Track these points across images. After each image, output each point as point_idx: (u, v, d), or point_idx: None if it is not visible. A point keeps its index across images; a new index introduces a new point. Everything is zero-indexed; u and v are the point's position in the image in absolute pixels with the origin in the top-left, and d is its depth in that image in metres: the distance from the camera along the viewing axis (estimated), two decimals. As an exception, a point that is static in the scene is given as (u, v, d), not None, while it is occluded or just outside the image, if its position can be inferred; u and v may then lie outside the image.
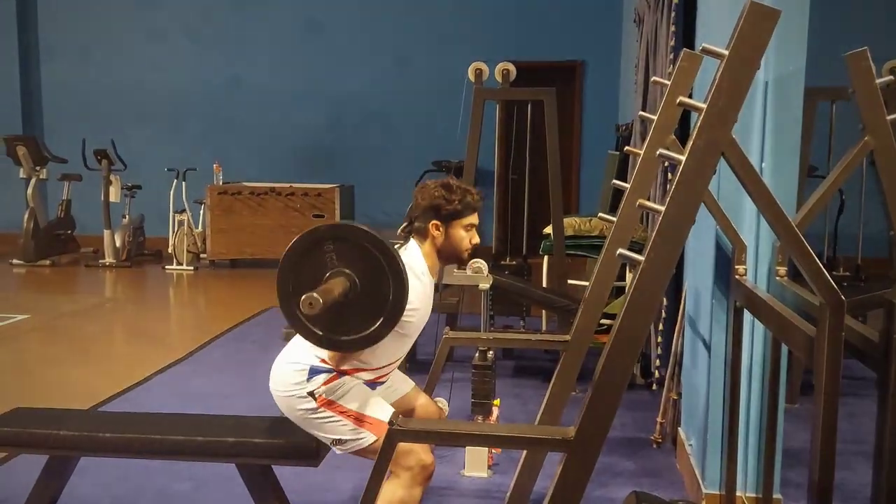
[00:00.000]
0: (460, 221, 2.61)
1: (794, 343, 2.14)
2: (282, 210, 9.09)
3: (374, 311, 2.19)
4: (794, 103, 2.83)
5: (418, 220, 2.63)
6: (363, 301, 2.19)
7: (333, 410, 2.48)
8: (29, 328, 6.38)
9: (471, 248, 2.67)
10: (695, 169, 1.70)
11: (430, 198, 2.60)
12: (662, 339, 4.40)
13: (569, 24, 9.71)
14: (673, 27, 4.19)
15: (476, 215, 2.66)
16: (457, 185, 2.63)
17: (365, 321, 2.20)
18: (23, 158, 9.16)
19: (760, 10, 1.66)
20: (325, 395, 2.48)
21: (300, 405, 2.50)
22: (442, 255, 2.66)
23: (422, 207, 2.61)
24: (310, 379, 2.49)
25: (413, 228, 2.66)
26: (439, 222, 2.60)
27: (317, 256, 2.19)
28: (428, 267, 2.63)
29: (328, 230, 2.23)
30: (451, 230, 2.61)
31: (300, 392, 2.50)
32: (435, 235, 2.62)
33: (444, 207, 2.58)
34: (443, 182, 2.64)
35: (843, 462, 1.89)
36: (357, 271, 2.18)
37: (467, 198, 2.61)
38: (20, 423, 2.73)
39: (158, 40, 10.36)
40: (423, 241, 2.64)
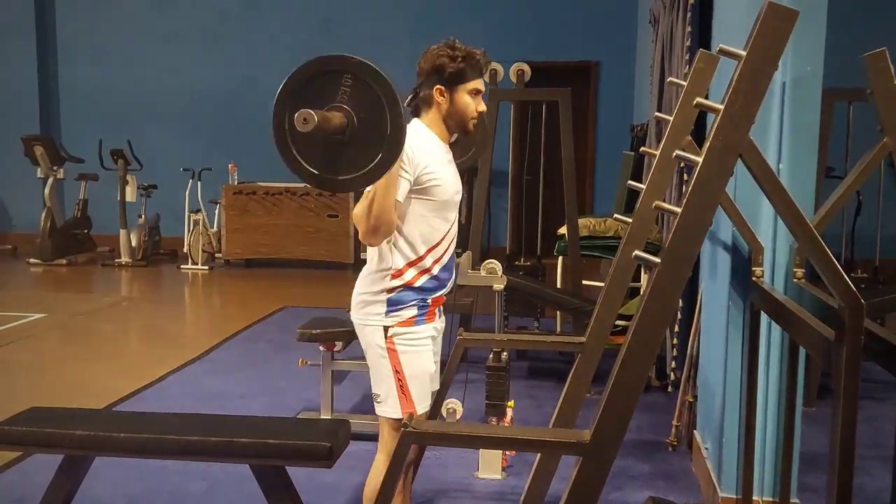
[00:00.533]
0: (465, 86, 2.49)
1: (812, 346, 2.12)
2: (296, 210, 9.11)
3: (372, 148, 2.09)
4: (811, 104, 2.81)
5: (422, 87, 2.52)
6: (361, 139, 2.10)
7: (393, 364, 2.50)
8: (45, 327, 6.42)
9: (477, 116, 2.54)
10: (712, 170, 1.68)
11: (432, 59, 2.48)
12: (678, 341, 4.38)
13: (584, 24, 9.68)
14: (689, 27, 4.17)
15: (481, 81, 2.53)
16: (461, 45, 2.50)
17: (363, 159, 2.10)
18: (40, 158, 9.22)
19: (779, 11, 1.64)
20: (395, 339, 2.49)
21: (375, 338, 2.52)
22: (448, 123, 2.53)
23: (425, 71, 2.50)
24: (388, 313, 2.50)
25: (418, 98, 2.55)
26: (443, 87, 2.48)
27: (313, 89, 2.10)
28: (437, 136, 2.54)
29: (324, 62, 2.13)
30: (456, 95, 2.49)
31: (377, 322, 2.51)
32: (440, 101, 2.50)
33: (447, 67, 2.46)
34: (446, 42, 2.51)
35: (860, 466, 1.87)
36: (355, 107, 2.09)
37: (472, 59, 2.48)
38: (35, 422, 2.74)
39: (174, 41, 10.40)
40: (428, 110, 2.54)
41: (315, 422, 3.37)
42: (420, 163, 2.42)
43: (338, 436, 2.65)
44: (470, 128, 2.55)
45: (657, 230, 4.86)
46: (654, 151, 2.54)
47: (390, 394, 2.52)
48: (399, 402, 2.51)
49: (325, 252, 9.05)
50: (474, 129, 2.58)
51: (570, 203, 5.28)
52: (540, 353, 5.51)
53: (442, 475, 3.61)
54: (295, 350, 5.05)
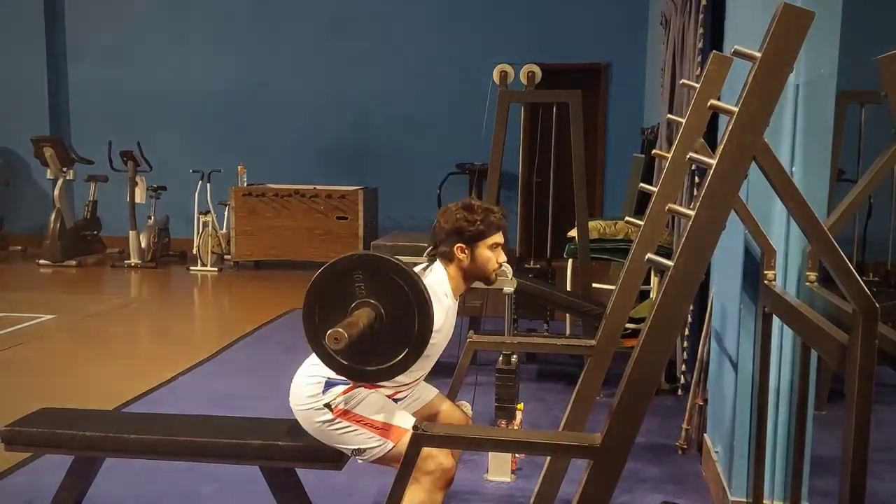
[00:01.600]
0: (485, 242, 2.59)
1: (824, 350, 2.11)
2: (305, 212, 9.12)
3: (398, 342, 2.19)
4: (825, 107, 2.79)
5: (443, 243, 2.61)
6: (388, 332, 2.18)
7: (350, 420, 2.48)
8: (55, 328, 6.43)
9: (498, 268, 2.64)
10: (726, 173, 1.67)
11: (452, 221, 2.58)
12: (688, 344, 4.36)
13: (594, 26, 9.66)
14: (701, 29, 4.15)
15: (500, 234, 2.63)
16: (478, 206, 2.60)
17: (390, 352, 2.20)
18: (50, 160, 9.26)
19: (794, 12, 1.63)
20: (341, 405, 2.48)
21: (318, 417, 2.51)
22: (468, 277, 2.64)
23: (445, 231, 2.60)
24: (325, 391, 2.50)
25: (438, 252, 2.64)
26: (464, 245, 2.58)
27: (344, 285, 2.19)
28: (452, 289, 2.61)
29: (356, 261, 2.22)
30: (477, 251, 2.59)
31: (317, 405, 2.50)
32: (461, 258, 2.60)
33: (466, 230, 2.56)
34: (464, 203, 2.62)
35: (871, 470, 1.85)
36: (383, 302, 2.17)
37: (490, 217, 2.58)
38: (46, 423, 2.75)
39: (184, 43, 10.43)
40: (450, 264, 2.62)
41: (324, 424, 3.36)
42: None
43: (348, 438, 2.64)
44: (493, 279, 2.67)
45: (668, 233, 4.84)
46: (666, 154, 2.53)
47: (371, 441, 2.49)
48: (385, 437, 2.48)
49: (335, 254, 8.82)
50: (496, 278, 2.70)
51: (580, 205, 5.27)
52: (549, 355, 5.50)
53: (451, 478, 3.60)
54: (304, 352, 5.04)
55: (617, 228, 5.44)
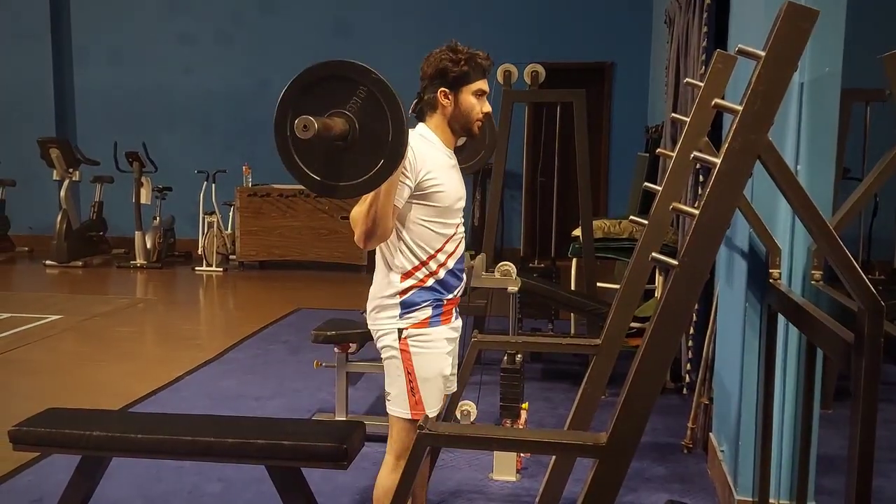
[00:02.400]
0: (469, 87, 2.48)
1: (830, 348, 2.11)
2: (310, 212, 9.12)
3: (373, 154, 2.09)
4: (830, 105, 2.79)
5: (426, 91, 2.52)
6: (362, 145, 2.09)
7: (405, 363, 2.49)
8: (61, 328, 6.45)
9: (482, 118, 2.53)
10: (730, 172, 1.67)
11: (435, 63, 2.47)
12: (693, 343, 4.36)
13: (598, 25, 9.66)
14: (705, 27, 4.15)
15: (486, 81, 2.52)
16: (463, 47, 2.49)
17: (364, 165, 2.10)
18: (56, 161, 9.27)
19: (799, 11, 1.63)
20: (408, 340, 2.49)
21: (388, 339, 2.52)
22: (453, 126, 2.52)
23: (428, 75, 2.50)
24: (402, 315, 2.49)
25: (423, 103, 2.54)
26: (447, 89, 2.48)
27: (315, 94, 2.10)
28: (441, 140, 2.53)
29: (327, 66, 2.13)
30: (461, 97, 2.48)
31: (391, 325, 2.51)
32: (444, 104, 2.49)
33: (450, 70, 2.45)
34: (448, 45, 2.50)
35: (877, 469, 1.85)
36: (357, 113, 2.09)
37: (475, 59, 2.47)
38: (53, 423, 2.75)
39: (189, 44, 10.45)
40: (433, 114, 2.53)
41: (330, 423, 3.37)
42: (422, 168, 2.41)
43: (352, 437, 2.65)
44: (475, 129, 2.54)
45: (672, 232, 4.84)
46: (670, 153, 2.53)
47: (401, 394, 2.52)
48: (409, 404, 2.51)
49: (339, 254, 9.06)
50: (480, 130, 2.57)
51: (585, 205, 5.27)
52: (554, 354, 5.50)
53: (456, 477, 3.61)
54: (309, 351, 5.06)
55: (621, 227, 5.44)
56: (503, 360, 3.63)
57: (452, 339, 2.62)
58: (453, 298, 2.59)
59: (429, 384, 2.53)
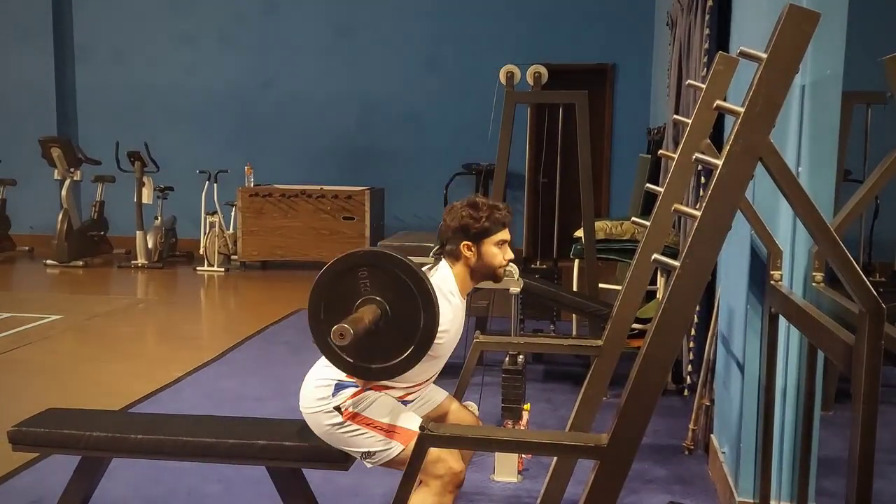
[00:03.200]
0: (491, 239, 2.59)
1: (831, 350, 2.10)
2: (312, 212, 9.13)
3: (404, 339, 2.19)
4: (831, 107, 2.79)
5: (449, 242, 2.61)
6: (394, 329, 2.18)
7: (360, 423, 2.48)
8: (62, 328, 6.45)
9: (505, 265, 2.64)
10: (732, 174, 1.67)
11: (458, 219, 2.58)
12: (695, 345, 4.36)
13: (600, 26, 9.66)
14: (707, 30, 4.15)
15: (506, 231, 2.63)
16: (483, 203, 2.61)
17: (395, 349, 2.20)
18: (57, 160, 9.28)
19: (801, 13, 1.63)
20: (350, 408, 2.48)
21: (327, 420, 2.51)
22: (475, 275, 2.63)
23: (451, 229, 2.60)
24: (335, 394, 2.50)
25: (445, 251, 2.64)
26: (470, 242, 2.58)
27: (349, 281, 2.19)
28: (459, 288, 2.61)
29: (362, 257, 2.22)
30: (483, 248, 2.59)
31: (326, 407, 2.50)
32: (467, 256, 2.59)
33: (472, 227, 2.56)
34: (469, 201, 2.62)
35: (878, 471, 1.85)
36: (388, 298, 2.18)
37: (495, 214, 2.58)
38: (52, 423, 2.76)
39: (191, 43, 10.46)
40: (456, 262, 2.62)
41: (331, 424, 3.37)
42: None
43: (354, 438, 2.65)
44: (500, 276, 2.66)
45: (674, 233, 4.84)
46: (672, 154, 2.53)
47: (380, 444, 2.49)
48: (395, 440, 2.48)
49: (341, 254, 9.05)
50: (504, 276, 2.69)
51: (587, 206, 5.27)
52: (556, 355, 5.50)
53: (457, 478, 3.60)
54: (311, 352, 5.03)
55: (623, 229, 5.44)
56: (505, 360, 3.63)
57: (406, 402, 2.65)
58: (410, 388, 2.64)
59: (395, 412, 2.52)
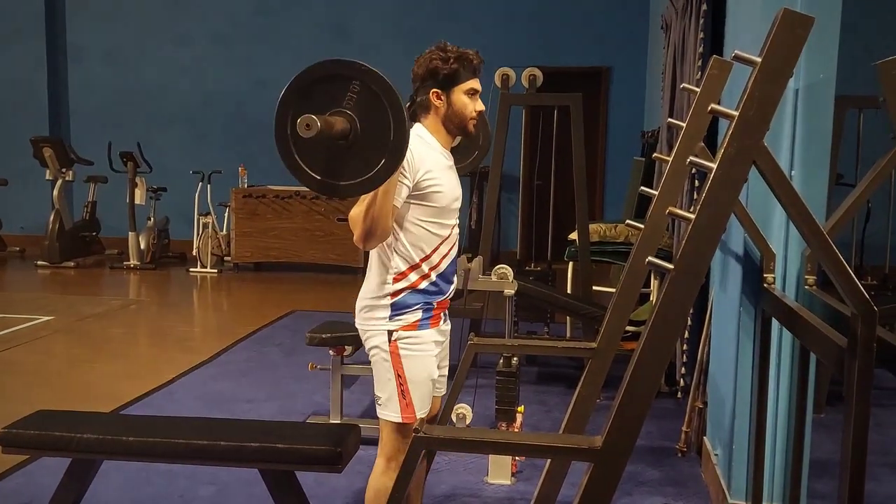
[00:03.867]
0: (461, 86, 2.48)
1: (823, 352, 2.11)
2: (306, 214, 9.12)
3: (374, 154, 2.08)
4: (824, 111, 2.80)
5: (418, 92, 2.53)
6: (364, 145, 2.08)
7: (394, 364, 2.49)
8: (53, 329, 6.43)
9: (476, 116, 2.53)
10: (726, 177, 1.68)
11: (426, 63, 2.48)
12: (688, 347, 4.36)
13: (595, 30, 9.68)
14: (701, 34, 4.16)
15: (477, 80, 2.52)
16: (453, 47, 2.49)
17: (365, 165, 2.09)
18: (49, 160, 9.25)
19: (794, 18, 1.64)
20: (398, 340, 2.49)
21: (377, 338, 2.52)
22: (448, 126, 2.53)
23: (420, 77, 2.51)
24: (392, 317, 2.49)
25: (416, 104, 2.54)
26: (439, 90, 2.49)
27: (316, 94, 2.10)
28: (437, 141, 2.53)
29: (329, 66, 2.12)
30: (453, 97, 2.49)
31: (380, 327, 2.50)
32: (437, 105, 2.50)
33: (440, 70, 2.46)
34: (438, 45, 2.51)
35: (869, 473, 1.86)
36: (357, 113, 2.08)
37: (465, 58, 2.48)
38: (43, 425, 2.74)
39: (185, 44, 10.43)
40: (427, 115, 2.53)
41: (324, 426, 3.36)
42: (420, 168, 2.41)
43: (347, 440, 2.65)
44: (470, 128, 2.54)
45: (668, 236, 4.85)
46: (666, 157, 2.54)
47: (392, 397, 2.52)
48: (399, 407, 2.51)
49: (335, 256, 9.06)
50: (475, 129, 2.58)
51: (581, 208, 5.27)
52: (550, 358, 5.50)
53: (451, 480, 3.60)
54: (304, 354, 5.05)
55: (617, 231, 5.45)
56: (499, 363, 3.63)
57: (440, 343, 2.63)
58: (443, 301, 2.60)
59: (418, 387, 2.53)
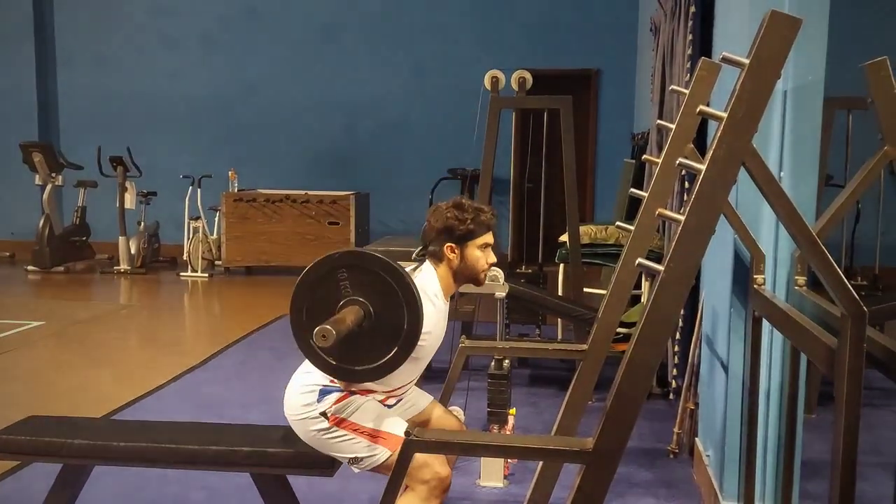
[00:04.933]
0: (475, 242, 2.58)
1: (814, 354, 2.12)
2: (297, 217, 9.11)
3: (388, 340, 2.17)
4: (813, 113, 2.80)
5: (433, 243, 2.60)
6: (377, 330, 2.17)
7: (346, 428, 2.48)
8: (43, 335, 6.41)
9: (487, 268, 2.62)
10: (715, 178, 1.68)
11: (442, 220, 2.57)
12: (679, 349, 4.37)
13: (585, 32, 9.70)
14: (690, 36, 4.18)
15: (490, 234, 2.62)
16: (469, 205, 2.59)
17: (379, 350, 2.18)
18: (39, 165, 9.22)
19: (782, 19, 1.64)
20: (336, 413, 2.47)
21: (313, 426, 2.50)
22: (458, 277, 2.62)
23: (435, 230, 2.59)
24: (320, 399, 2.49)
25: (428, 252, 2.63)
26: (454, 244, 2.57)
27: (330, 284, 2.18)
28: (442, 289, 2.60)
29: (342, 258, 2.21)
30: (466, 251, 2.58)
31: (312, 413, 2.49)
32: (450, 258, 2.58)
33: (457, 228, 2.55)
34: (454, 202, 2.61)
35: (860, 473, 1.86)
36: (371, 299, 2.16)
37: (480, 216, 2.57)
38: (34, 431, 2.73)
39: (174, 48, 10.41)
40: (439, 264, 2.61)
41: (315, 430, 3.36)
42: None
43: (339, 444, 2.64)
44: (481, 279, 2.64)
45: (658, 238, 4.86)
46: (656, 159, 2.54)
47: (367, 449, 2.49)
48: (381, 445, 2.49)
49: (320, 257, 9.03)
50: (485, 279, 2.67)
51: (572, 211, 5.28)
52: (541, 360, 5.50)
53: (443, 483, 3.60)
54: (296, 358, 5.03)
55: (608, 233, 5.46)
56: (490, 365, 3.63)
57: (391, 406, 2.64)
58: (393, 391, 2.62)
59: (382, 419, 2.52)
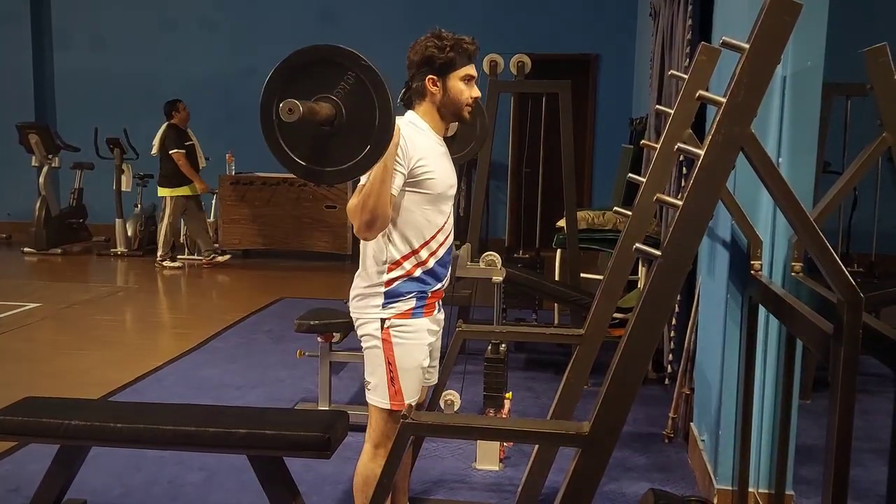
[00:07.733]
0: (456, 73, 2.47)
1: (809, 339, 2.12)
2: (294, 201, 9.09)
3: (360, 140, 2.07)
4: (811, 99, 2.80)
5: (414, 79, 2.51)
6: (349, 131, 2.07)
7: (385, 352, 2.49)
8: (40, 316, 6.40)
9: (472, 102, 2.52)
10: (713, 164, 1.68)
11: (421, 51, 2.47)
12: (675, 334, 4.38)
13: (584, 16, 9.66)
14: (690, 20, 4.16)
15: (473, 66, 2.51)
16: (448, 34, 2.48)
17: (351, 151, 2.08)
18: (35, 147, 9.18)
19: (782, 4, 1.64)
20: (390, 329, 2.48)
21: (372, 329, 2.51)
22: (443, 113, 2.52)
23: (415, 63, 2.49)
24: (385, 305, 2.49)
25: (411, 90, 2.54)
26: (435, 76, 2.47)
27: (304, 80, 2.08)
28: (431, 128, 2.52)
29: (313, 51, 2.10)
30: (449, 83, 2.48)
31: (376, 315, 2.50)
32: (433, 91, 2.49)
33: (437, 58, 2.45)
34: (433, 32, 2.49)
35: (854, 459, 1.88)
36: (344, 100, 2.06)
37: (461, 45, 2.46)
38: (31, 412, 2.74)
39: (172, 29, 10.37)
40: (422, 101, 2.52)
41: (313, 413, 3.37)
42: (413, 155, 2.40)
43: (335, 427, 2.65)
44: (465, 114, 2.53)
45: (655, 223, 4.86)
46: (654, 144, 2.54)
47: (381, 384, 2.52)
48: (388, 394, 2.51)
49: (324, 243, 9.04)
50: (471, 116, 2.56)
51: (569, 196, 5.28)
52: (538, 344, 5.52)
53: (440, 466, 3.62)
54: (293, 341, 5.05)
55: (605, 219, 5.46)
56: (487, 349, 3.64)
57: (434, 332, 2.62)
58: (438, 290, 2.59)
59: (408, 375, 2.53)
